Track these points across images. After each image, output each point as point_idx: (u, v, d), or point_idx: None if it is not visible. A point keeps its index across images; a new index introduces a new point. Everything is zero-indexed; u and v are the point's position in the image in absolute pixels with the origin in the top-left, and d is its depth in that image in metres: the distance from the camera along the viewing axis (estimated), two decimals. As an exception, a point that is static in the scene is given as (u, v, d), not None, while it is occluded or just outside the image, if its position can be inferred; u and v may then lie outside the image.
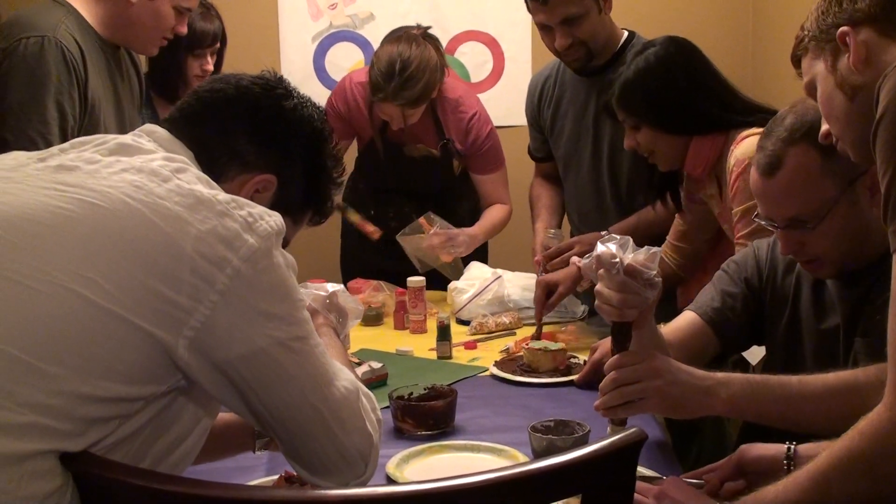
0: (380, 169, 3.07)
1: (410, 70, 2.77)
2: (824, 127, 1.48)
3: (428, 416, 1.90)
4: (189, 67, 2.82)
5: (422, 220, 2.94)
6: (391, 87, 2.77)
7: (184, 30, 2.47)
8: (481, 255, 3.14)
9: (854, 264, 1.68)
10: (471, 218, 3.11)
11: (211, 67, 2.84)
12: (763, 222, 1.73)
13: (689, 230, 2.43)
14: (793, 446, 1.47)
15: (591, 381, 2.10)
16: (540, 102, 2.88)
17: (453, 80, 3.11)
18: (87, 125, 2.29)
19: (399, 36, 2.91)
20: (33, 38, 2.19)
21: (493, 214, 3.08)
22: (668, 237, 2.47)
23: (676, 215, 2.44)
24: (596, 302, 1.66)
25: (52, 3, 2.32)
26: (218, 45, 2.89)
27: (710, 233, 2.42)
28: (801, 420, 1.57)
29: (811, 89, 1.46)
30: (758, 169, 1.69)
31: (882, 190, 1.24)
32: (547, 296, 2.52)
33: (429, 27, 3.03)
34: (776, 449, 1.49)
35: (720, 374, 1.60)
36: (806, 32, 1.44)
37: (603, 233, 2.52)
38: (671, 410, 1.66)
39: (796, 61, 1.49)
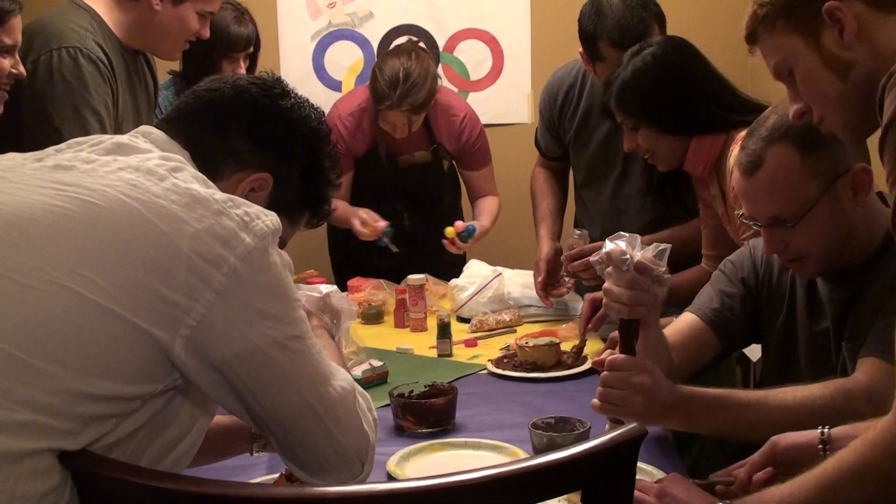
0: (378, 175, 3.18)
1: (413, 78, 2.97)
2: (796, 106, 1.43)
3: (428, 413, 1.90)
4: (222, 71, 2.80)
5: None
6: (397, 95, 2.95)
7: (206, 33, 2.48)
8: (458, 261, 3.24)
9: (840, 264, 1.69)
10: (452, 207, 3.31)
11: (243, 72, 2.84)
12: (747, 221, 1.74)
13: (717, 235, 2.38)
14: (826, 430, 1.45)
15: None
16: (562, 111, 2.84)
17: (442, 87, 3.26)
18: (114, 132, 2.29)
19: (397, 50, 3.13)
20: (66, 49, 2.19)
21: (491, 206, 3.25)
22: (702, 249, 2.43)
23: (701, 226, 2.42)
24: (604, 300, 1.66)
25: (74, 7, 2.31)
26: (251, 49, 2.89)
27: (749, 233, 2.39)
28: (754, 439, 1.57)
29: (782, 70, 1.41)
30: (739, 168, 1.70)
31: (892, 197, 1.21)
32: (593, 311, 2.44)
33: (419, 40, 3.26)
34: (809, 435, 1.47)
35: (685, 392, 1.61)
36: (767, 7, 1.38)
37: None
38: (639, 421, 1.69)
39: (752, 38, 1.44)
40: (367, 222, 3.04)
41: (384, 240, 3.06)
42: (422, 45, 3.20)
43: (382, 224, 3.05)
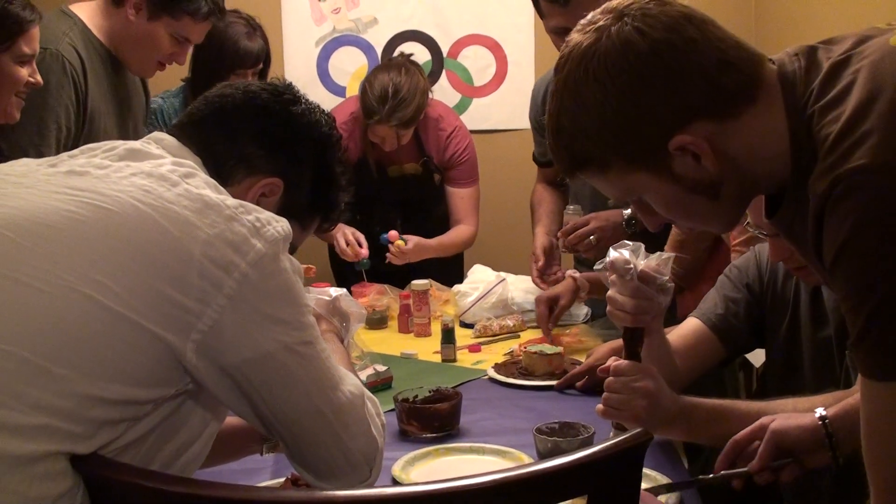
0: (369, 183, 3.19)
1: (402, 94, 3.00)
2: (653, 220, 1.29)
3: (433, 418, 1.91)
4: None
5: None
6: (385, 110, 2.98)
7: (182, 60, 2.49)
8: (457, 267, 3.27)
9: None
10: (445, 219, 3.27)
11: None
12: (753, 230, 1.74)
13: (687, 240, 2.41)
14: (824, 414, 1.46)
15: (587, 386, 2.11)
16: (544, 101, 2.87)
17: (434, 101, 3.28)
18: (87, 135, 2.31)
19: (387, 64, 3.18)
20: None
21: (455, 234, 3.25)
22: (665, 247, 2.45)
23: (672, 226, 2.43)
24: (608, 308, 1.67)
25: (59, 14, 2.35)
26: (261, 65, 2.90)
27: (708, 241, 2.41)
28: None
29: (628, 198, 1.27)
30: None
31: (849, 322, 1.09)
32: (549, 311, 2.51)
33: (411, 54, 3.25)
34: (809, 423, 1.47)
35: (687, 401, 1.62)
36: (591, 157, 1.20)
37: (626, 211, 2.52)
38: (642, 426, 1.69)
39: (571, 174, 1.26)
40: (352, 244, 3.06)
41: (359, 267, 3.08)
42: (413, 59, 3.21)
43: (364, 252, 3.06)
